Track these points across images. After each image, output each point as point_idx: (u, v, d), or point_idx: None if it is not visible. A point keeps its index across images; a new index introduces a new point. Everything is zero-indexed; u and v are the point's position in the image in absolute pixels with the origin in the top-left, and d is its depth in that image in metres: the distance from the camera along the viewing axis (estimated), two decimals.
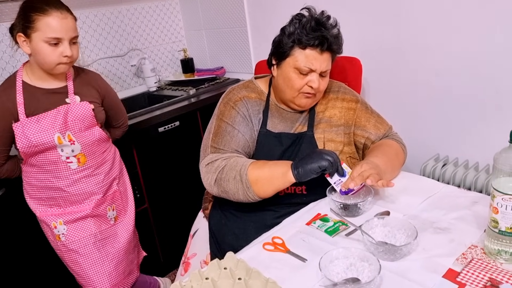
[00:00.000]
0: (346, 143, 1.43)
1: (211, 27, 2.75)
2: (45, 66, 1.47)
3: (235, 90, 1.45)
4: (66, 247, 1.63)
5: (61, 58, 1.45)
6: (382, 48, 1.97)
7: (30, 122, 1.48)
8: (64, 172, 1.56)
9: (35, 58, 1.47)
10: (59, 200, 1.60)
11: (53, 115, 1.51)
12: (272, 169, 1.26)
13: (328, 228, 1.18)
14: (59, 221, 1.60)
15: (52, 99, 1.53)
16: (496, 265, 0.98)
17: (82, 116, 1.56)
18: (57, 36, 1.42)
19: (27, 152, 1.50)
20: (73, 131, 1.54)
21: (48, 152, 1.52)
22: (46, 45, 1.42)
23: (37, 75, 1.52)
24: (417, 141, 1.94)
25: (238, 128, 1.38)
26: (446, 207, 1.23)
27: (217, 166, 1.32)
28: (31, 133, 1.47)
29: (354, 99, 1.47)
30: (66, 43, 1.44)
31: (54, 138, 1.50)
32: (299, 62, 1.31)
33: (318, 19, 1.32)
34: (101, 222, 1.68)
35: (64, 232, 1.61)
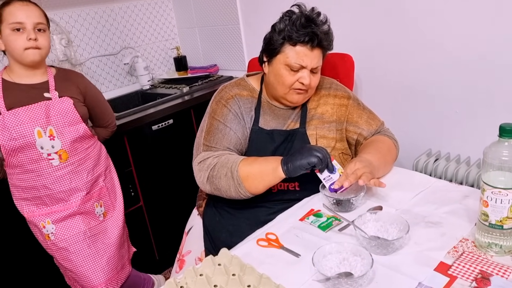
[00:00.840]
0: (338, 139, 1.44)
1: (204, 25, 2.75)
2: (14, 54, 1.50)
3: (227, 88, 1.45)
4: (56, 245, 1.63)
5: (26, 43, 1.48)
6: (374, 44, 1.98)
7: (10, 115, 1.50)
8: (46, 170, 1.57)
9: (7, 51, 1.52)
10: (45, 199, 1.61)
11: (34, 109, 1.53)
12: (262, 165, 1.27)
13: (321, 224, 1.19)
14: (47, 220, 1.61)
15: (31, 93, 1.55)
16: (487, 258, 1.00)
17: (63, 111, 1.57)
18: (19, 21, 1.47)
19: (8, 147, 1.51)
20: (56, 126, 1.55)
21: (28, 150, 1.53)
22: (11, 32, 1.48)
23: (16, 72, 1.55)
24: (409, 137, 1.95)
25: (230, 126, 1.38)
26: (438, 201, 1.24)
27: (209, 164, 1.33)
28: (12, 126, 1.49)
29: (346, 95, 1.47)
30: (30, 27, 1.48)
31: (34, 131, 1.51)
32: (289, 59, 1.31)
33: (308, 15, 1.32)
34: (90, 219, 1.69)
35: (53, 231, 1.62)
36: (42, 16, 1.54)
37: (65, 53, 2.39)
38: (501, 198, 0.95)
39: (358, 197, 1.24)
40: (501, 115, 1.68)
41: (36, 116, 1.52)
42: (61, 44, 2.36)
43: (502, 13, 1.59)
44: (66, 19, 2.39)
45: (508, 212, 0.96)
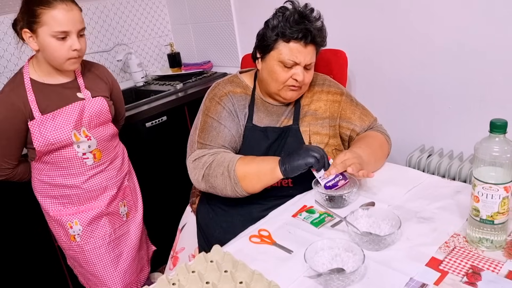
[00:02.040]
0: (332, 136, 1.44)
1: (198, 21, 2.74)
2: (54, 62, 1.41)
3: (220, 85, 1.44)
4: (81, 247, 1.60)
5: (70, 53, 1.39)
6: (367, 40, 1.98)
7: (46, 120, 1.44)
8: (80, 169, 1.53)
9: (44, 54, 1.41)
10: (73, 198, 1.57)
11: (69, 111, 1.47)
12: (260, 165, 1.27)
13: (314, 220, 1.19)
14: (74, 221, 1.57)
15: (63, 94, 1.48)
16: (478, 253, 1.00)
17: (98, 112, 1.53)
18: (65, 30, 1.36)
19: (43, 151, 1.46)
20: (88, 127, 1.52)
21: (64, 149, 1.49)
22: (53, 39, 1.36)
23: (45, 70, 1.46)
24: (402, 133, 1.96)
25: (224, 123, 1.38)
26: (430, 197, 1.24)
27: (204, 162, 1.32)
28: (48, 131, 1.43)
29: (339, 91, 1.47)
30: (74, 36, 1.38)
31: (71, 135, 1.47)
32: (283, 55, 1.31)
33: (302, 11, 1.32)
34: (115, 220, 1.67)
35: (79, 233, 1.58)
36: (82, 19, 1.43)
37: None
38: (492, 194, 0.96)
39: (351, 193, 1.24)
40: (494, 111, 1.69)
41: (70, 118, 1.46)
42: None
43: (494, 9, 1.60)
44: None
45: (498, 207, 0.96)
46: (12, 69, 2.23)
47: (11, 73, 2.22)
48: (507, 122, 0.93)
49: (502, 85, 1.66)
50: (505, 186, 0.95)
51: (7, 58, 2.18)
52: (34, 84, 1.45)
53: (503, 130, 0.93)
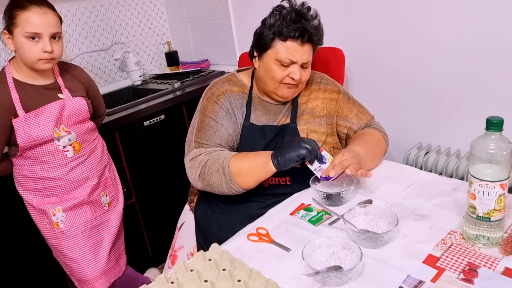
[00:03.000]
0: (329, 134, 1.44)
1: (195, 20, 2.74)
2: (26, 62, 1.46)
3: (217, 84, 1.45)
4: (64, 234, 1.64)
5: (41, 54, 1.43)
6: (364, 38, 1.99)
7: (29, 118, 1.48)
8: (61, 161, 1.58)
9: (18, 54, 1.47)
10: (56, 189, 1.62)
11: (50, 109, 1.52)
12: (253, 160, 1.27)
13: (311, 218, 1.20)
14: (57, 208, 1.62)
15: (45, 95, 1.53)
16: (475, 250, 1.01)
17: (77, 111, 1.59)
18: (36, 31, 1.41)
19: (26, 147, 1.51)
20: (67, 124, 1.57)
21: (45, 144, 1.54)
22: (26, 40, 1.42)
23: (25, 72, 1.51)
24: (400, 130, 1.96)
25: (221, 122, 1.38)
26: (427, 194, 1.25)
27: (201, 160, 1.33)
28: (31, 129, 1.48)
29: (336, 89, 1.48)
30: (46, 38, 1.43)
31: (53, 131, 1.52)
32: (280, 54, 1.31)
33: (299, 10, 1.32)
34: (96, 208, 1.72)
35: (62, 219, 1.63)
36: (59, 23, 1.48)
37: None
38: (488, 191, 0.96)
39: (348, 191, 1.25)
40: (491, 108, 1.70)
41: (53, 116, 1.52)
42: None
43: (491, 6, 1.60)
44: None
45: (495, 205, 0.97)
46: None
47: None
48: (503, 119, 0.93)
49: (499, 83, 1.66)
50: (501, 183, 0.95)
51: None
52: (17, 83, 1.50)
53: (499, 128, 0.94)
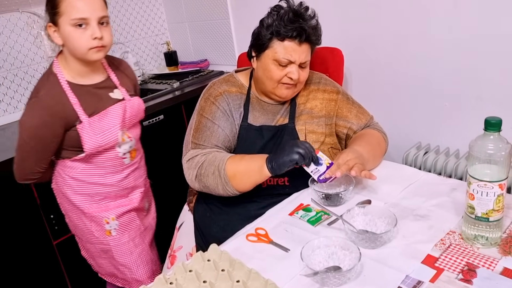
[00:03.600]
0: (328, 134, 1.44)
1: (194, 20, 2.74)
2: (77, 53, 1.35)
3: (215, 85, 1.45)
4: (116, 241, 1.62)
5: (91, 42, 1.32)
6: (363, 38, 1.99)
7: (94, 122, 1.41)
8: (118, 168, 1.54)
9: (67, 47, 1.36)
10: (108, 195, 1.57)
11: (113, 112, 1.45)
12: (249, 164, 1.27)
13: (310, 218, 1.20)
14: (111, 217, 1.58)
15: (97, 95, 1.45)
16: (473, 250, 1.01)
17: (137, 112, 1.55)
18: (83, 16, 1.30)
19: (92, 153, 1.45)
20: (127, 127, 1.53)
21: (108, 151, 1.49)
22: (73, 28, 1.31)
23: (75, 70, 1.41)
24: (399, 130, 1.97)
25: (218, 123, 1.38)
26: (426, 195, 1.25)
27: (197, 162, 1.34)
28: (96, 134, 1.42)
29: (335, 90, 1.48)
30: (94, 23, 1.32)
31: (118, 136, 1.47)
32: (278, 54, 1.31)
33: (296, 10, 1.32)
34: (140, 214, 1.71)
35: (116, 227, 1.60)
36: (105, 6, 1.37)
37: (54, 50, 2.35)
38: (487, 191, 0.96)
39: (347, 191, 1.25)
40: (489, 108, 1.70)
41: (117, 120, 1.46)
42: (50, 40, 2.33)
43: (490, 7, 1.60)
44: None
45: (493, 205, 0.97)
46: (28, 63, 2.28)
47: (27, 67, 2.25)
48: (502, 120, 0.93)
49: (498, 83, 1.67)
50: (500, 184, 0.95)
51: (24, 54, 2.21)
52: (72, 87, 1.40)
53: (498, 128, 0.94)
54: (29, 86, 2.31)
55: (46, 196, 1.89)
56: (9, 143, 1.99)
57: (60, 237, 1.97)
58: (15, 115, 2.27)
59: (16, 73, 2.26)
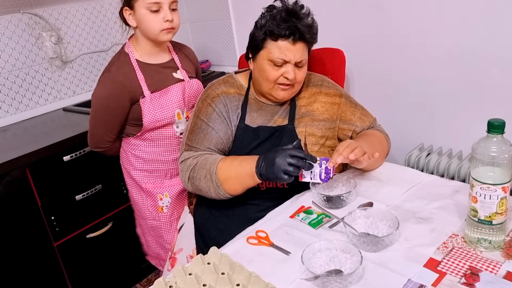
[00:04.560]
0: (329, 137, 1.43)
1: (196, 20, 2.73)
2: (149, 34, 1.52)
3: (214, 86, 1.44)
4: (166, 217, 1.73)
5: (163, 24, 1.49)
6: (365, 38, 1.97)
7: (155, 98, 1.57)
8: (175, 147, 1.67)
9: (140, 29, 1.54)
10: (164, 172, 1.70)
11: (173, 91, 1.61)
12: (239, 168, 1.26)
13: (311, 221, 1.19)
14: (165, 193, 1.71)
15: (162, 74, 1.61)
16: (476, 253, 1.00)
17: (196, 93, 1.67)
18: (157, 1, 1.47)
19: (149, 127, 1.59)
20: (188, 107, 1.65)
21: (165, 128, 1.62)
22: (147, 12, 1.48)
23: (144, 50, 1.59)
24: (401, 131, 1.95)
25: (213, 125, 1.38)
26: (428, 197, 1.24)
27: (189, 164, 1.34)
28: (156, 109, 1.56)
29: (338, 93, 1.46)
30: (166, 7, 1.49)
31: (175, 113, 1.60)
32: (272, 54, 1.30)
33: (289, 9, 1.30)
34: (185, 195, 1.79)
35: (167, 205, 1.72)
36: None
37: (55, 50, 2.36)
38: (490, 194, 0.95)
39: (349, 193, 1.24)
40: (492, 109, 1.68)
41: (175, 98, 1.60)
42: (51, 41, 2.33)
43: (493, 7, 1.59)
44: (55, 16, 2.36)
45: (497, 208, 0.96)
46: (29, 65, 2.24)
47: (28, 69, 2.23)
48: (505, 122, 0.92)
49: (500, 83, 1.65)
50: (503, 187, 0.94)
51: (26, 55, 2.19)
52: (140, 65, 1.57)
53: (501, 130, 0.93)
54: (30, 87, 2.31)
55: (47, 197, 1.89)
56: (9, 144, 1.99)
57: (61, 239, 1.97)
58: (16, 116, 2.27)
59: (17, 74, 2.25)
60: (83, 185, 2.00)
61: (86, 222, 2.05)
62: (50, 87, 2.40)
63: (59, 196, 1.94)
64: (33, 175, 1.83)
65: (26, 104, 2.31)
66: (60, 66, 2.41)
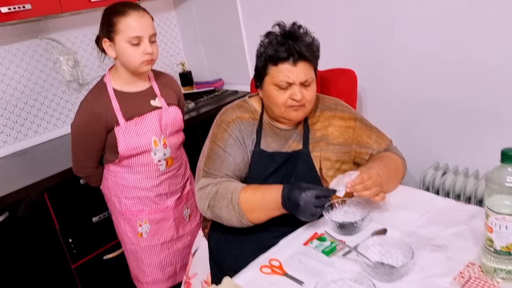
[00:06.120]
0: (345, 161, 1.42)
1: (209, 40, 2.76)
2: (129, 66, 1.54)
3: (228, 111, 1.45)
4: (145, 243, 1.74)
5: (143, 56, 1.51)
6: (377, 57, 1.97)
7: (130, 126, 1.57)
8: (153, 173, 1.67)
9: (120, 60, 1.55)
10: (145, 200, 1.70)
11: (150, 118, 1.61)
12: (264, 199, 1.26)
13: (325, 248, 1.18)
14: (144, 220, 1.71)
15: (139, 102, 1.61)
16: (494, 284, 0.98)
17: (173, 121, 1.67)
18: (137, 35, 1.49)
19: (125, 155, 1.59)
20: (165, 134, 1.64)
21: (142, 155, 1.62)
22: (128, 45, 1.50)
23: (123, 79, 1.59)
24: (416, 150, 1.93)
25: (230, 151, 1.38)
26: (444, 222, 1.22)
27: (209, 192, 1.34)
28: (131, 137, 1.57)
29: (352, 117, 1.46)
30: (146, 40, 1.51)
31: (151, 140, 1.60)
32: (275, 79, 1.30)
33: (285, 32, 1.30)
34: (179, 223, 1.80)
35: (147, 231, 1.72)
36: (153, 24, 1.56)
37: (72, 74, 2.42)
38: (506, 224, 0.93)
39: (363, 220, 1.23)
40: (509, 126, 1.66)
41: (151, 126, 1.60)
42: (68, 65, 2.39)
43: (505, 24, 1.57)
44: (72, 40, 2.42)
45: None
46: (47, 88, 2.30)
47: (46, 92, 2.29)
48: None
49: None
50: None
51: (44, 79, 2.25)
52: (116, 93, 1.58)
53: None
54: (48, 110, 2.37)
55: (65, 220, 1.92)
56: (28, 168, 2.03)
57: (78, 261, 2.00)
58: (35, 139, 2.33)
59: (36, 97, 2.31)
60: (100, 207, 2.03)
61: (102, 243, 2.08)
62: (68, 110, 2.45)
63: (77, 218, 1.97)
64: (51, 199, 1.87)
65: (45, 127, 2.37)
66: (77, 89, 2.47)
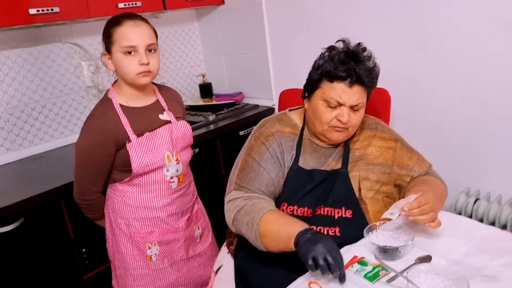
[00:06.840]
0: (384, 183, 1.37)
1: (231, 52, 2.73)
2: (126, 78, 1.45)
3: (268, 124, 1.40)
4: (156, 266, 1.62)
5: (138, 67, 1.41)
6: (410, 78, 1.93)
7: (142, 142, 1.48)
8: (165, 191, 1.57)
9: (118, 73, 1.48)
10: (155, 220, 1.59)
11: (161, 133, 1.52)
12: (280, 230, 1.18)
13: (367, 273, 1.12)
14: (154, 242, 1.60)
15: (148, 116, 1.53)
16: None
17: (183, 135, 1.59)
18: (131, 44, 1.40)
19: (139, 172, 1.49)
20: (176, 149, 1.56)
21: (154, 172, 1.52)
22: (123, 56, 1.42)
23: (128, 94, 1.51)
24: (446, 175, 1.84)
25: (265, 166, 1.33)
26: (492, 252, 1.16)
27: (236, 205, 1.30)
28: (144, 153, 1.48)
29: (393, 138, 1.42)
30: (142, 50, 1.42)
31: (164, 156, 1.51)
32: (326, 94, 1.27)
33: (349, 51, 1.28)
34: (190, 243, 1.69)
35: (156, 253, 1.61)
36: (153, 35, 1.48)
37: (92, 79, 2.38)
38: None
39: (406, 246, 1.17)
40: None
41: (164, 141, 1.52)
42: (89, 70, 2.35)
43: None
44: (95, 46, 2.39)
45: None
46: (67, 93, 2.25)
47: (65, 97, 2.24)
48: None
49: None
50: None
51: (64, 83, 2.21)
52: (124, 109, 1.49)
53: None
54: (66, 115, 2.32)
55: (80, 229, 1.86)
56: (43, 173, 1.98)
57: (90, 272, 1.93)
58: (50, 144, 2.28)
59: (54, 102, 2.27)
60: None
61: None
62: (85, 116, 2.36)
63: (92, 228, 1.90)
64: (68, 207, 1.81)
65: (61, 132, 2.32)
66: (96, 95, 2.42)
